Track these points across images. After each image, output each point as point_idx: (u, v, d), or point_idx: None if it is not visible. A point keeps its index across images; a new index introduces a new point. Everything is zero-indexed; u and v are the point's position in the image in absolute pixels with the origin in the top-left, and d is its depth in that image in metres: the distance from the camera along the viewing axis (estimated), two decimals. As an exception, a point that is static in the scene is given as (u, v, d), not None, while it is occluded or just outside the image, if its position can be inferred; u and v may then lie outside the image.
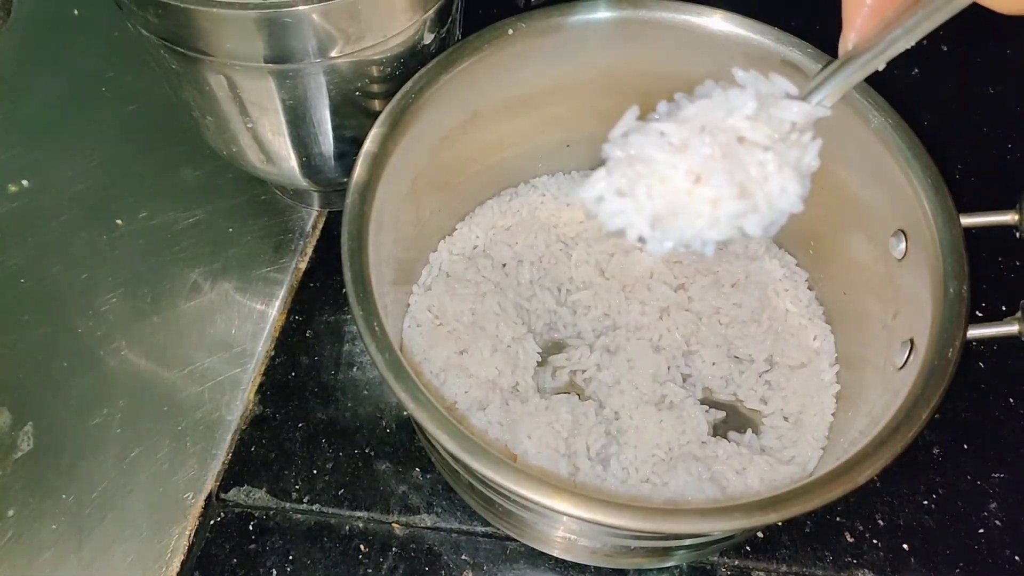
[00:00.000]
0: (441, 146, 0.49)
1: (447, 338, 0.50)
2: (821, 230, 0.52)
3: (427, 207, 0.52)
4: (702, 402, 0.50)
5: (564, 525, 0.44)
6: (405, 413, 0.54)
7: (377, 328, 0.38)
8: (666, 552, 0.46)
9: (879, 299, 0.47)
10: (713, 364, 0.51)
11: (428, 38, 0.49)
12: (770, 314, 0.53)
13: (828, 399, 0.50)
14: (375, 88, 0.49)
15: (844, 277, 0.51)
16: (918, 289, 0.42)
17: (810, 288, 0.54)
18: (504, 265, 0.54)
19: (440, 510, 0.51)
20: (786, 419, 0.50)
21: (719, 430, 0.50)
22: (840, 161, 0.49)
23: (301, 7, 0.41)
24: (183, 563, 0.49)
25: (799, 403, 0.50)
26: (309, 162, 0.53)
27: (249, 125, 0.50)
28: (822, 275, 0.54)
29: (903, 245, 0.44)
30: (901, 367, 0.41)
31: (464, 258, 0.55)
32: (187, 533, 0.50)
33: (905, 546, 0.50)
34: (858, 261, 0.49)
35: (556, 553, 0.48)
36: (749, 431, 0.50)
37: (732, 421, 0.51)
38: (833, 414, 0.49)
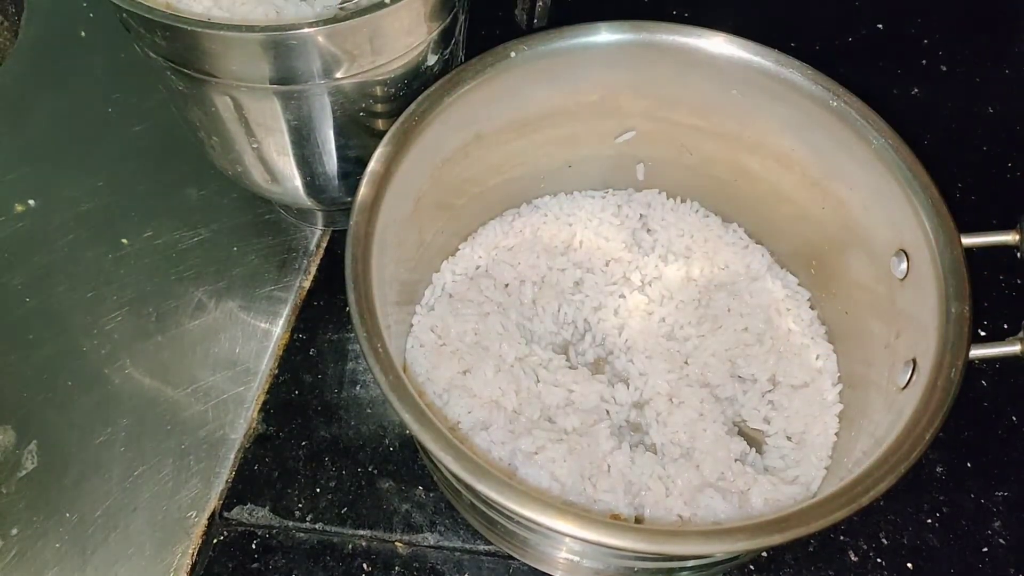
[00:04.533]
0: (444, 167, 0.50)
1: (450, 358, 0.50)
2: (822, 249, 0.53)
3: (430, 228, 0.52)
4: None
5: (567, 546, 0.44)
6: (408, 432, 0.54)
7: (380, 349, 0.38)
8: (670, 573, 0.46)
9: (881, 319, 0.47)
10: (717, 385, 0.52)
11: (431, 60, 0.49)
12: (772, 334, 0.53)
13: (831, 419, 0.50)
14: (379, 109, 0.49)
15: (846, 297, 0.51)
16: (920, 309, 0.42)
17: (812, 308, 0.54)
18: (507, 285, 0.55)
19: (443, 528, 0.51)
20: (789, 439, 0.50)
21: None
22: (841, 181, 0.49)
23: (306, 29, 0.42)
24: (186, 582, 0.49)
25: (802, 423, 0.50)
26: (313, 181, 0.53)
27: (254, 145, 0.50)
28: (824, 295, 0.54)
29: (904, 265, 0.45)
30: (904, 387, 0.42)
31: (467, 278, 0.55)
32: (190, 552, 0.49)
33: (909, 565, 0.50)
34: (860, 281, 0.49)
35: (559, 574, 0.48)
36: (752, 451, 0.50)
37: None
38: (836, 434, 0.49)
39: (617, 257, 0.56)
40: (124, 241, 0.61)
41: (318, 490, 0.52)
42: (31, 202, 0.63)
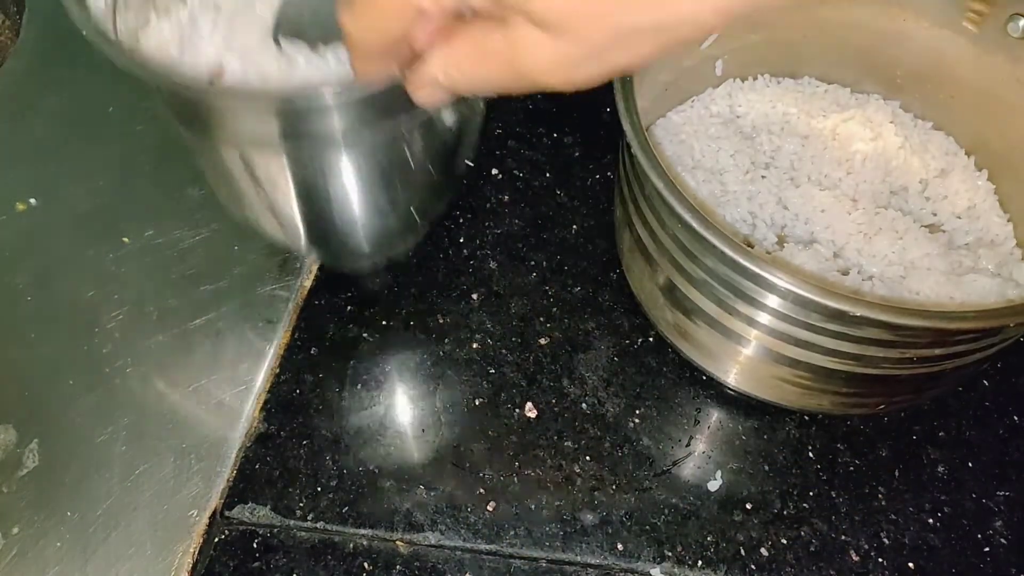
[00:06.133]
0: None
1: None
2: (905, 58, 0.58)
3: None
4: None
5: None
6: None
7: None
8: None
9: (1005, 86, 0.52)
10: (885, 205, 0.56)
11: (449, 119, 0.47)
12: (887, 146, 0.58)
13: (982, 182, 0.56)
14: (388, 167, 0.48)
15: (945, 88, 0.57)
16: None
17: (905, 111, 0.61)
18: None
19: (444, 528, 0.51)
20: (959, 217, 0.56)
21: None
22: None
23: (316, 92, 0.39)
24: (187, 581, 0.49)
25: (964, 199, 0.55)
26: (322, 235, 0.52)
27: (262, 198, 0.49)
28: (917, 96, 0.59)
29: (1022, 22, 0.49)
30: None
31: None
32: (191, 551, 0.49)
33: (911, 564, 0.50)
34: (960, 67, 0.54)
35: (731, 377, 0.51)
36: (944, 236, 0.55)
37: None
38: (995, 192, 0.56)
39: (733, 151, 0.58)
40: (125, 240, 0.61)
41: (319, 489, 0.52)
42: (32, 201, 0.63)
